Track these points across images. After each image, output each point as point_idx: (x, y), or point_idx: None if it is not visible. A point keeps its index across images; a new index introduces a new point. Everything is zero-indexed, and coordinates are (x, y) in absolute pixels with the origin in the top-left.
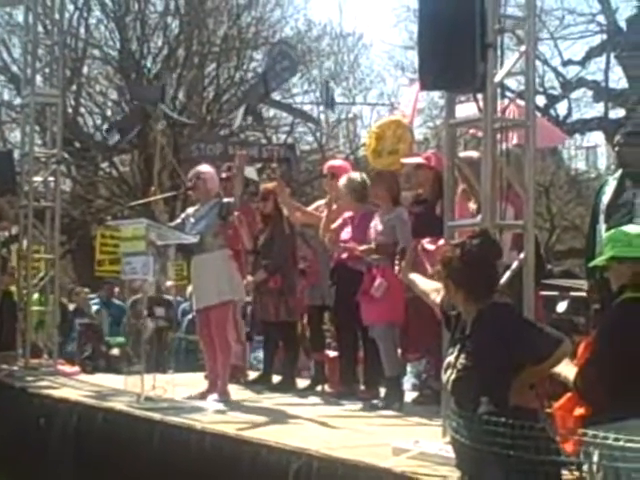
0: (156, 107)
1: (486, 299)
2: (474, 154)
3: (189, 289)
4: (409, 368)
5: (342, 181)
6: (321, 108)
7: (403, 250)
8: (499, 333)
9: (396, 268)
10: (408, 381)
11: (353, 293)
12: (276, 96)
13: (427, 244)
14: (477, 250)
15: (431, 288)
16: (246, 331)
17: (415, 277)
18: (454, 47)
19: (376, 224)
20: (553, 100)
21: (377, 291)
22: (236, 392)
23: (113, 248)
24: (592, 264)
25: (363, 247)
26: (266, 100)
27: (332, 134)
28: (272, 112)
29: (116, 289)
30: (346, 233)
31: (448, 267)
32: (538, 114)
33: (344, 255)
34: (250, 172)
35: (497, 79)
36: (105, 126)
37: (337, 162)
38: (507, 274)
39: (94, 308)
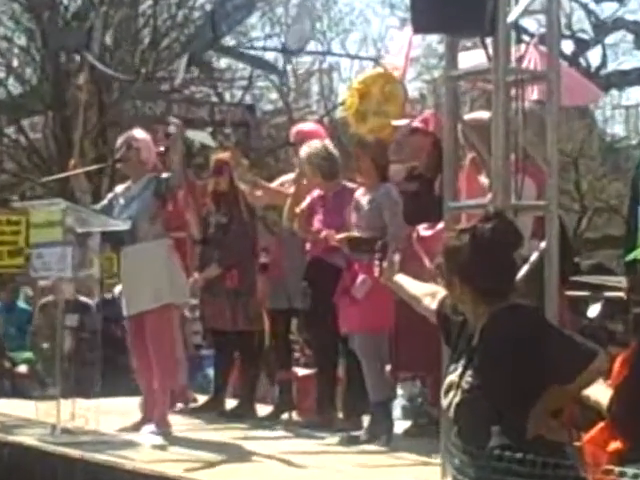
0: (79, 55)
1: (501, 300)
2: (483, 115)
3: (117, 289)
4: (400, 390)
5: (302, 153)
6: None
7: (384, 244)
8: (516, 344)
9: (375, 269)
10: (398, 407)
11: (331, 294)
12: (229, 42)
13: (423, 230)
14: (491, 236)
15: (424, 292)
16: (195, 343)
17: (402, 279)
18: None
19: (357, 205)
20: (583, 46)
21: (359, 291)
22: (179, 421)
23: (12, 236)
24: (632, 256)
25: (340, 235)
26: (215, 47)
27: (302, 90)
28: (225, 62)
29: (25, 290)
30: (317, 220)
31: (453, 259)
32: (564, 63)
33: (317, 248)
34: (204, 137)
35: (511, 19)
36: (10, 79)
37: (307, 126)
38: (524, 268)
39: None
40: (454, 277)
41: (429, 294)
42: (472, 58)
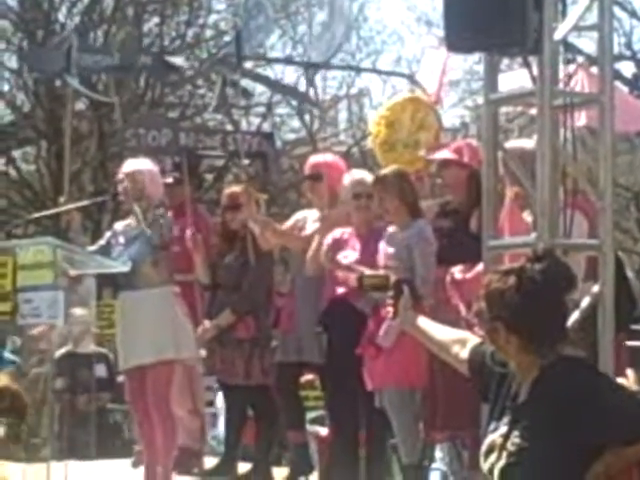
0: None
1: (551, 350)
2: (527, 143)
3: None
4: (438, 453)
5: (346, 184)
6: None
7: (399, 282)
8: (572, 401)
9: (389, 309)
10: (436, 471)
11: (354, 344)
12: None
13: (459, 273)
14: (542, 279)
15: (452, 338)
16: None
17: (425, 323)
18: None
19: (386, 245)
20: None
21: (385, 339)
22: None
23: None
24: None
25: (364, 271)
26: (238, 71)
27: (328, 117)
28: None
29: (12, 338)
30: (344, 258)
31: (497, 304)
32: (622, 87)
33: (341, 289)
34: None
35: (558, 36)
36: (0, 105)
37: (324, 157)
38: (575, 314)
39: None
40: (498, 324)
41: (458, 341)
42: (515, 80)
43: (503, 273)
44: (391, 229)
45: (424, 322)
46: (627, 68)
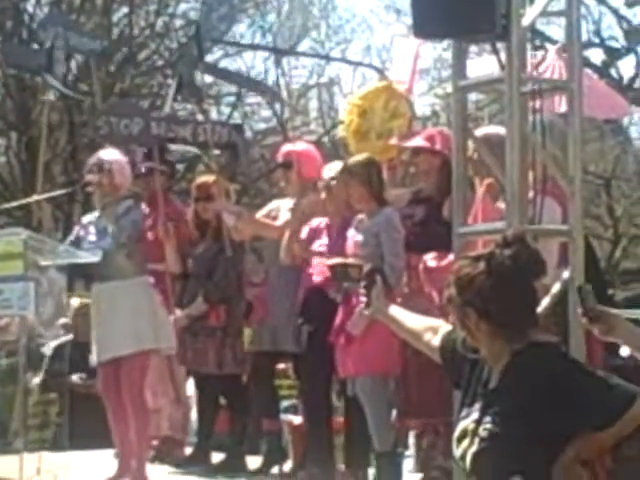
0: (40, 77)
1: (521, 336)
2: (497, 130)
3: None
4: (411, 439)
5: (329, 172)
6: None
7: (372, 271)
8: (543, 386)
9: (362, 299)
10: (410, 458)
11: (329, 332)
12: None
13: (431, 261)
14: (511, 264)
15: (424, 326)
16: None
17: (397, 312)
18: None
19: (354, 233)
20: (614, 55)
21: (355, 327)
22: (160, 477)
23: None
24: None
25: (332, 260)
26: (201, 65)
27: (298, 107)
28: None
29: None
30: (319, 246)
31: (467, 289)
32: (593, 75)
33: (317, 277)
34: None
35: (526, 22)
36: None
37: (296, 146)
38: (545, 300)
39: None
40: (467, 310)
41: (430, 329)
42: (483, 66)
43: (473, 259)
44: (359, 217)
45: (396, 311)
46: (596, 55)
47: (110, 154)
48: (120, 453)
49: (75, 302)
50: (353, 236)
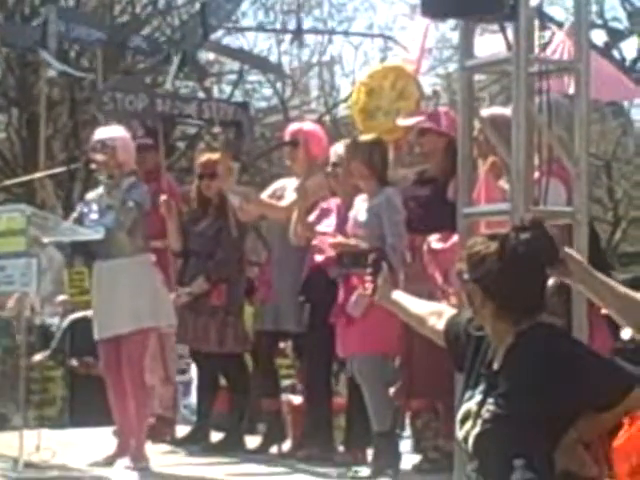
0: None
1: (528, 319)
2: (503, 110)
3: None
4: (409, 421)
5: (339, 150)
6: (283, 48)
7: (377, 259)
8: (547, 367)
9: (367, 285)
10: (408, 439)
11: (329, 312)
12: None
13: (435, 242)
14: (525, 249)
15: (428, 310)
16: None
17: (401, 297)
18: None
19: (356, 213)
20: (617, 37)
21: (355, 308)
22: (159, 456)
23: None
24: None
25: (333, 239)
26: (206, 44)
27: (299, 85)
28: (212, 54)
29: None
30: (325, 226)
31: (478, 267)
32: (596, 56)
33: (319, 257)
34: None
35: (534, 2)
36: None
37: (303, 125)
38: (549, 282)
39: None
40: (475, 287)
41: (435, 313)
42: (490, 46)
43: (488, 237)
44: (360, 198)
45: (400, 296)
46: (599, 37)
47: (113, 131)
48: (120, 431)
49: None
50: (354, 216)
